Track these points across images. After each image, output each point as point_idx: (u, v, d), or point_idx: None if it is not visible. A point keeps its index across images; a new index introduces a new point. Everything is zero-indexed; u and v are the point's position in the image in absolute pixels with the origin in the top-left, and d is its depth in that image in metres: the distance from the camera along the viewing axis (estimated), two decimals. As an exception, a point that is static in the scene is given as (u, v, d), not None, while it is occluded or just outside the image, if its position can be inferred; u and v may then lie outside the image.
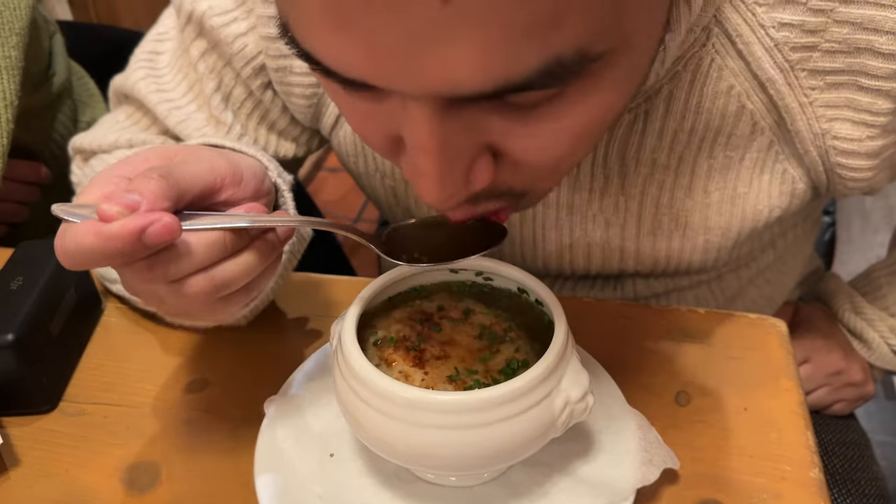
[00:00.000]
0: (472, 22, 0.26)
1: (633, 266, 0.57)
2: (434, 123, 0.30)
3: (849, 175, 0.48)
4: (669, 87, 0.47)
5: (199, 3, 0.53)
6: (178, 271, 0.37)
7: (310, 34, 0.29)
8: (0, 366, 0.48)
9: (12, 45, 0.64)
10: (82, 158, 0.60)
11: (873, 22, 0.42)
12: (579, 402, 0.39)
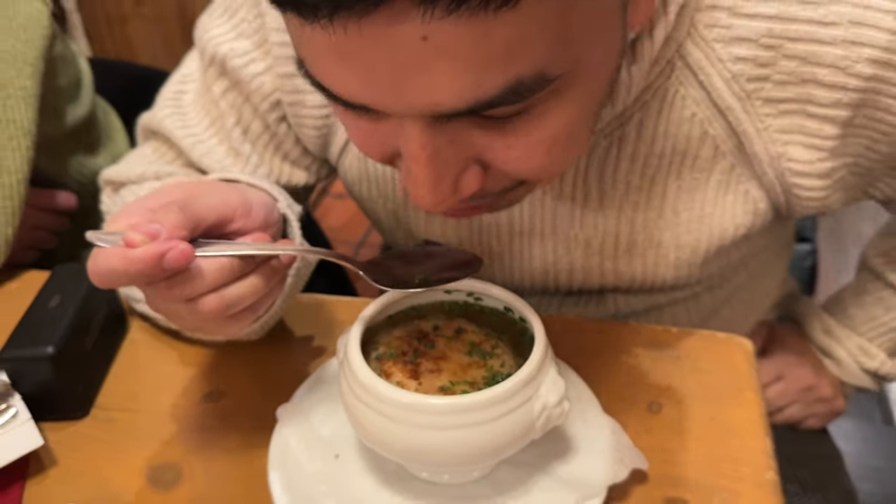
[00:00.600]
0: (444, 55, 0.32)
1: (613, 281, 0.62)
2: (424, 137, 0.37)
3: (804, 195, 0.54)
4: (640, 115, 0.53)
5: (220, 47, 0.59)
6: (193, 291, 0.42)
7: (319, 67, 0.36)
8: (40, 375, 0.53)
9: (27, 76, 0.69)
10: (112, 189, 0.65)
11: (816, 56, 0.48)
12: (556, 407, 0.44)
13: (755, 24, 0.48)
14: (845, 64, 0.47)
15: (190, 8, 1.75)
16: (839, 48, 0.47)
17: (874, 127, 0.50)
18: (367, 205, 0.66)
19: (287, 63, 0.58)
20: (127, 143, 0.91)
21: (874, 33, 0.46)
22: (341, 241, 2.13)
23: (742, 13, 0.48)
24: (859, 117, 0.50)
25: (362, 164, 0.62)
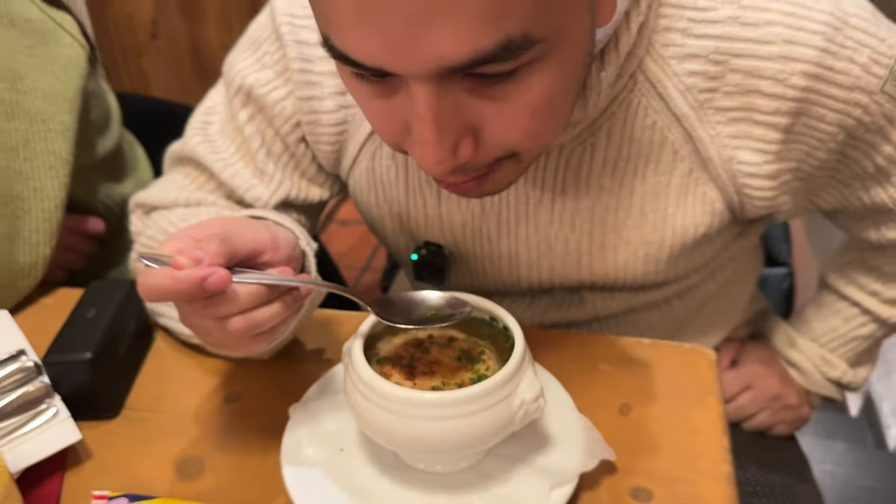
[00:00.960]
0: (449, 13, 0.40)
1: (589, 277, 0.69)
2: (431, 98, 0.44)
3: (754, 194, 0.61)
4: (608, 124, 0.60)
5: (247, 78, 0.67)
6: (225, 312, 0.49)
7: (343, 36, 0.43)
8: (78, 378, 0.60)
9: (66, 111, 0.77)
10: (143, 212, 0.73)
11: (757, 70, 0.56)
12: (533, 403, 0.50)
13: (704, 43, 0.56)
14: (782, 76, 0.55)
15: (202, 42, 1.84)
16: (776, 63, 0.55)
17: (811, 134, 0.58)
18: (374, 212, 0.72)
19: (305, 88, 0.66)
20: (150, 171, 0.99)
21: (805, 50, 0.54)
22: (346, 265, 2.21)
23: (693, 34, 0.56)
24: (798, 125, 0.57)
25: (370, 175, 0.69)
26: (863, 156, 0.61)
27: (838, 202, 0.67)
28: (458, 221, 0.68)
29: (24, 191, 0.71)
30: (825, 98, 0.56)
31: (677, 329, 0.77)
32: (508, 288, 0.73)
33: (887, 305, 0.76)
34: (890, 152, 0.61)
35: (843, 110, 0.57)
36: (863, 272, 0.76)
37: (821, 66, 0.55)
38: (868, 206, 0.66)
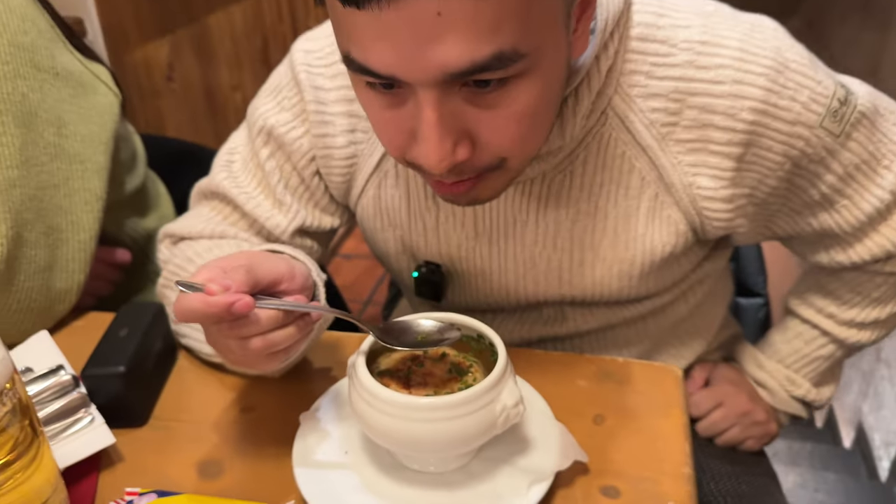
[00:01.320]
0: (451, 27, 0.49)
1: (570, 292, 0.77)
2: (435, 103, 0.53)
3: (713, 216, 0.70)
4: (584, 153, 0.69)
5: (268, 120, 0.76)
6: (248, 333, 0.56)
7: (363, 50, 0.52)
8: (113, 390, 0.67)
9: (101, 153, 0.85)
10: (171, 242, 0.81)
11: (711, 106, 0.65)
12: (513, 409, 0.58)
13: (665, 84, 0.65)
14: (733, 112, 0.64)
15: (214, 84, 1.94)
16: (727, 100, 0.64)
17: (760, 163, 0.67)
18: (379, 236, 0.81)
19: (319, 126, 0.75)
20: (171, 206, 1.07)
21: (752, 89, 0.63)
22: (350, 298, 2.29)
23: (655, 76, 0.66)
24: (748, 154, 0.66)
25: (376, 202, 0.77)
26: (809, 184, 0.69)
27: (792, 229, 0.75)
28: (454, 242, 0.76)
29: (63, 223, 0.80)
30: (771, 131, 0.65)
31: (653, 347, 0.84)
32: (499, 304, 0.81)
33: (844, 327, 0.83)
34: (832, 181, 0.69)
35: (787, 142, 0.65)
36: (820, 296, 0.84)
37: (766, 103, 0.64)
38: (818, 232, 0.74)
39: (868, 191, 0.70)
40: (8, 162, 0.73)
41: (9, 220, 0.73)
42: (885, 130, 0.70)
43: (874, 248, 0.74)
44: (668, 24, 0.66)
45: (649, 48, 0.66)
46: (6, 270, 0.73)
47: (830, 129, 0.66)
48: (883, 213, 0.72)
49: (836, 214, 0.72)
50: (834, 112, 0.65)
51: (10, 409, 0.52)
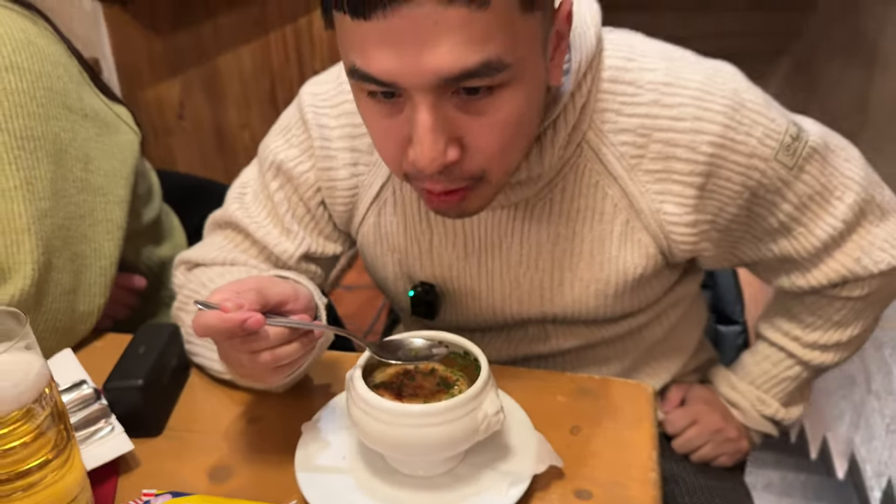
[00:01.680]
0: (447, 35, 0.56)
1: (551, 310, 0.84)
2: (429, 107, 0.60)
3: (679, 239, 0.77)
4: (562, 183, 0.76)
5: (278, 155, 0.84)
6: (258, 347, 0.63)
7: (368, 59, 0.59)
8: (132, 401, 0.74)
9: (122, 187, 0.93)
10: (187, 268, 0.88)
11: (674, 141, 0.72)
12: (494, 417, 0.64)
13: (633, 121, 0.73)
14: (694, 145, 0.72)
15: (223, 123, 2.03)
16: (689, 135, 0.72)
17: (721, 192, 0.74)
18: (378, 261, 0.88)
19: (324, 161, 0.83)
20: (184, 237, 1.14)
21: (711, 125, 0.71)
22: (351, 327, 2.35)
23: (624, 113, 0.74)
24: (709, 184, 0.73)
25: (376, 228, 0.85)
26: (767, 213, 0.77)
27: (756, 255, 0.82)
28: (446, 262, 0.83)
29: (86, 251, 0.87)
30: (729, 163, 0.72)
31: (631, 366, 0.91)
32: (487, 322, 0.88)
33: (808, 349, 0.90)
34: (789, 210, 0.77)
35: (744, 173, 0.73)
36: (786, 320, 0.90)
37: (724, 138, 0.71)
38: (779, 258, 0.81)
39: (822, 219, 0.78)
40: (41, 194, 0.81)
41: (40, 246, 0.80)
42: (836, 165, 0.77)
43: (830, 273, 0.81)
44: (635, 67, 0.74)
45: (618, 89, 0.73)
46: (36, 293, 0.80)
47: (784, 161, 0.73)
48: (837, 240, 0.79)
49: (794, 241, 0.79)
50: (787, 146, 0.73)
51: (49, 413, 0.58)
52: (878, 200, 0.80)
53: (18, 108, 0.80)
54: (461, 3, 0.55)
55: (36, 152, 0.81)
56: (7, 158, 0.79)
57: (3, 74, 0.79)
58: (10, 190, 0.79)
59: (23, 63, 0.81)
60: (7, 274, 0.79)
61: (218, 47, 1.96)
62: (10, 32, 0.81)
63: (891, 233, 0.81)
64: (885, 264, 0.80)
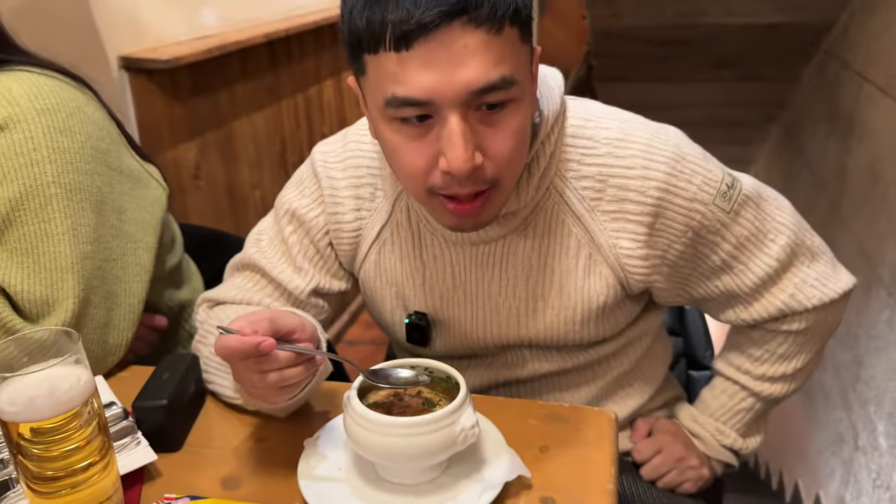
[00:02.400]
0: (474, 55, 0.71)
1: (527, 335, 0.95)
2: (460, 120, 0.73)
3: (633, 271, 0.89)
4: (535, 221, 0.89)
5: (292, 204, 0.97)
6: (268, 368, 0.74)
7: (408, 82, 0.72)
8: (156, 419, 0.84)
9: (150, 235, 1.05)
10: (208, 306, 0.99)
11: (626, 186, 0.85)
12: (470, 430, 0.75)
13: (592, 168, 0.87)
14: (642, 189, 0.85)
15: (236, 182, 2.16)
16: (638, 181, 0.85)
17: (667, 231, 0.87)
18: (377, 294, 0.99)
19: (332, 206, 0.96)
20: (201, 282, 1.26)
21: (657, 173, 0.85)
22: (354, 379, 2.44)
23: (584, 163, 0.87)
24: (657, 223, 0.86)
25: (377, 265, 0.97)
26: (710, 251, 0.89)
27: (704, 291, 0.94)
28: (437, 293, 0.96)
29: (118, 290, 0.99)
30: (673, 206, 0.85)
31: (601, 394, 1.01)
32: (472, 348, 0.99)
33: (758, 381, 1.00)
34: (729, 249, 0.89)
35: (687, 215, 0.85)
36: (736, 355, 1.01)
37: (668, 184, 0.84)
38: (724, 293, 0.93)
39: (758, 258, 0.90)
40: (84, 238, 0.94)
41: (81, 283, 0.92)
42: (768, 211, 0.90)
43: (770, 307, 0.93)
44: (593, 125, 0.88)
45: (579, 143, 0.87)
46: (75, 325, 0.92)
47: (722, 206, 0.86)
48: (773, 277, 0.91)
49: (735, 278, 0.91)
50: (723, 193, 0.86)
51: (96, 423, 0.69)
52: (809, 244, 0.93)
53: (69, 165, 0.93)
54: (483, 29, 0.71)
55: (81, 203, 0.94)
56: (58, 207, 0.92)
57: (58, 136, 0.93)
58: (58, 234, 0.92)
59: (74, 127, 0.95)
60: (51, 307, 0.91)
61: (233, 113, 2.11)
62: (65, 101, 0.95)
63: (821, 273, 0.93)
64: (816, 300, 0.92)
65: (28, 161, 0.91)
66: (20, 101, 0.92)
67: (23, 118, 0.91)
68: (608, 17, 2.92)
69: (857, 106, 2.66)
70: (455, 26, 0.70)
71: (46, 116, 0.93)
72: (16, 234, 0.91)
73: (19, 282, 0.91)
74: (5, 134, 0.91)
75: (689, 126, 2.06)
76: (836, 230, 2.58)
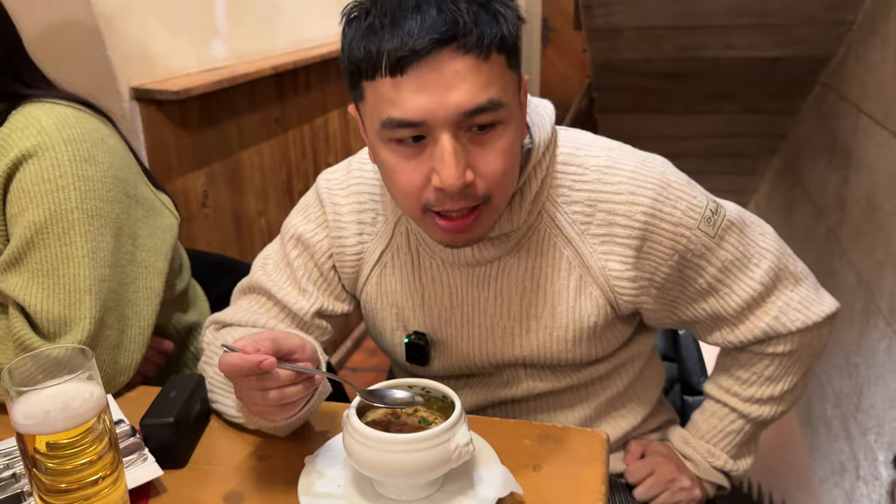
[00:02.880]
0: (464, 79, 0.76)
1: (521, 354, 0.98)
2: (452, 140, 0.78)
3: (621, 292, 0.92)
4: (527, 244, 0.92)
5: (298, 228, 1.01)
6: (269, 385, 0.77)
7: (404, 105, 0.77)
8: (163, 437, 0.87)
9: (161, 261, 1.09)
10: (216, 328, 1.03)
11: (614, 210, 0.89)
12: (465, 447, 0.77)
13: (582, 194, 0.90)
14: (630, 214, 0.89)
15: (242, 211, 2.21)
16: (625, 206, 0.89)
17: (654, 254, 0.90)
18: (378, 315, 1.03)
19: (336, 230, 0.99)
20: (207, 306, 1.30)
21: (643, 199, 0.88)
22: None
23: (574, 188, 0.91)
24: (645, 246, 0.89)
25: (378, 287, 1.01)
26: (696, 275, 0.92)
27: (692, 314, 0.97)
28: (436, 313, 0.99)
29: (129, 313, 1.02)
30: (660, 230, 0.88)
31: (594, 414, 1.04)
32: (469, 367, 1.02)
33: (747, 403, 1.03)
34: (714, 273, 0.92)
35: (673, 238, 0.89)
36: (725, 377, 1.04)
37: (654, 209, 0.88)
38: (711, 316, 0.96)
39: (743, 281, 0.93)
40: (102, 262, 0.99)
41: (97, 305, 0.97)
42: (752, 237, 0.94)
43: (755, 329, 0.96)
44: (583, 153, 0.92)
45: (570, 170, 0.91)
46: (89, 345, 0.95)
47: (706, 231, 0.90)
48: (757, 300, 0.95)
49: (721, 300, 0.94)
50: (707, 219, 0.90)
51: (107, 439, 0.72)
52: (792, 269, 0.96)
53: (92, 192, 0.99)
54: (471, 55, 0.76)
55: (101, 228, 0.99)
56: (79, 231, 0.97)
57: (83, 165, 0.99)
58: (78, 257, 0.97)
59: (97, 156, 1.01)
60: (68, 326, 0.95)
61: (241, 143, 2.16)
62: (89, 132, 1.01)
63: (804, 297, 0.96)
64: (800, 322, 0.95)
65: (54, 187, 0.97)
66: (49, 131, 0.98)
67: (51, 146, 0.97)
68: (608, 50, 2.98)
69: (855, 137, 2.70)
70: (445, 53, 0.75)
71: (73, 146, 0.98)
72: (38, 255, 0.96)
73: (39, 301, 0.95)
74: (34, 161, 0.97)
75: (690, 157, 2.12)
76: (836, 260, 2.61)
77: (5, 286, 0.97)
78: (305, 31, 2.50)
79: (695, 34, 2.88)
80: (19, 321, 0.95)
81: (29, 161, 0.97)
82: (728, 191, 3.97)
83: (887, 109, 2.33)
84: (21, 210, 0.97)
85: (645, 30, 2.88)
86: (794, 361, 1.00)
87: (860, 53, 2.68)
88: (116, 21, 1.68)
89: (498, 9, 0.79)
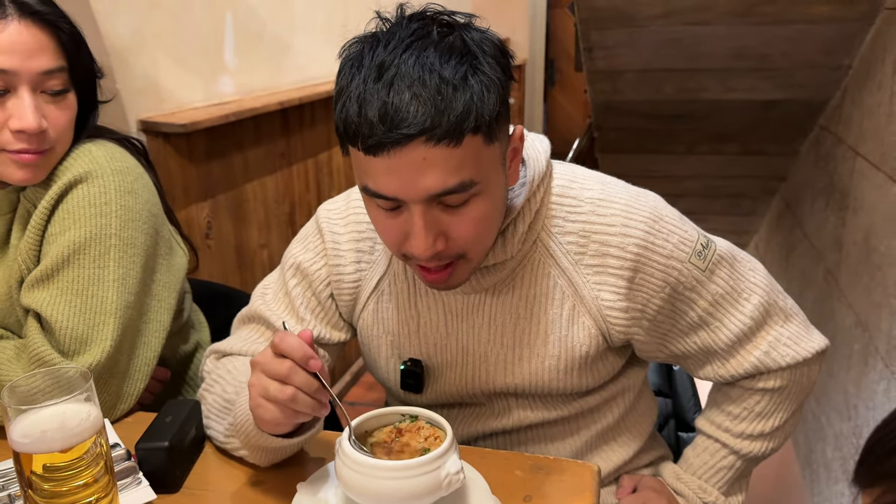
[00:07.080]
0: (433, 166, 0.76)
1: (513, 381, 0.99)
2: (422, 214, 0.79)
3: (614, 322, 0.93)
4: (522, 272, 0.94)
5: (297, 257, 1.03)
6: (292, 381, 0.77)
7: (376, 181, 0.79)
8: (157, 461, 0.88)
9: (172, 297, 1.12)
10: (216, 357, 1.05)
11: (607, 242, 0.91)
12: (455, 475, 0.78)
13: (576, 225, 0.92)
14: (622, 245, 0.90)
15: (245, 242, 2.23)
16: (618, 238, 0.90)
17: (646, 286, 0.92)
18: (374, 342, 1.04)
19: (334, 259, 1.01)
20: (208, 333, 1.32)
21: (636, 231, 0.90)
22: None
23: (568, 220, 0.93)
24: (637, 278, 0.91)
25: (375, 314, 1.02)
26: (687, 308, 0.94)
27: (683, 348, 0.98)
28: (431, 340, 1.01)
29: (138, 344, 1.05)
30: (652, 262, 0.90)
31: (586, 447, 1.05)
32: (462, 395, 1.03)
33: (738, 439, 1.03)
34: (705, 306, 0.94)
35: (664, 271, 0.90)
36: (717, 413, 1.05)
37: (646, 241, 0.89)
38: (701, 349, 0.97)
39: (734, 315, 0.95)
40: (130, 290, 1.03)
41: (118, 329, 1.01)
42: (742, 272, 0.96)
43: (745, 363, 0.97)
44: (577, 186, 0.94)
45: (564, 201, 0.93)
46: (105, 366, 0.99)
47: (697, 264, 0.91)
48: (748, 334, 0.96)
49: (711, 334, 0.96)
50: (698, 252, 0.91)
51: (103, 462, 0.74)
52: (782, 305, 0.97)
53: (130, 221, 1.04)
54: (442, 145, 0.76)
55: (133, 257, 1.04)
56: (114, 257, 1.02)
57: (126, 195, 1.04)
58: (109, 281, 1.01)
59: (138, 190, 1.07)
60: (87, 346, 0.99)
61: (245, 176, 2.19)
62: (133, 166, 1.08)
63: (794, 333, 0.97)
64: (790, 358, 0.97)
65: (98, 212, 1.02)
66: (99, 161, 1.04)
67: (100, 175, 1.03)
68: (609, 91, 3.03)
69: (852, 180, 2.73)
70: (415, 144, 0.76)
71: (119, 177, 1.04)
72: (71, 274, 1.01)
73: (65, 317, 0.99)
74: (84, 185, 1.02)
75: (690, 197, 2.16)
76: (834, 301, 2.62)
77: (31, 300, 1.01)
78: (312, 69, 2.55)
79: (696, 77, 2.93)
80: (38, 336, 0.99)
81: (79, 185, 1.02)
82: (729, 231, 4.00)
83: (883, 152, 2.36)
84: (63, 230, 1.01)
85: (646, 72, 2.93)
86: (785, 398, 1.01)
87: (856, 97, 2.72)
88: (127, 55, 1.72)
89: (475, 84, 0.76)
